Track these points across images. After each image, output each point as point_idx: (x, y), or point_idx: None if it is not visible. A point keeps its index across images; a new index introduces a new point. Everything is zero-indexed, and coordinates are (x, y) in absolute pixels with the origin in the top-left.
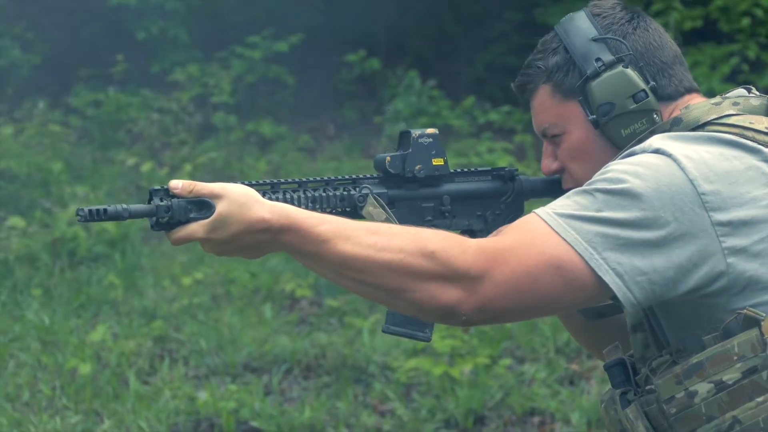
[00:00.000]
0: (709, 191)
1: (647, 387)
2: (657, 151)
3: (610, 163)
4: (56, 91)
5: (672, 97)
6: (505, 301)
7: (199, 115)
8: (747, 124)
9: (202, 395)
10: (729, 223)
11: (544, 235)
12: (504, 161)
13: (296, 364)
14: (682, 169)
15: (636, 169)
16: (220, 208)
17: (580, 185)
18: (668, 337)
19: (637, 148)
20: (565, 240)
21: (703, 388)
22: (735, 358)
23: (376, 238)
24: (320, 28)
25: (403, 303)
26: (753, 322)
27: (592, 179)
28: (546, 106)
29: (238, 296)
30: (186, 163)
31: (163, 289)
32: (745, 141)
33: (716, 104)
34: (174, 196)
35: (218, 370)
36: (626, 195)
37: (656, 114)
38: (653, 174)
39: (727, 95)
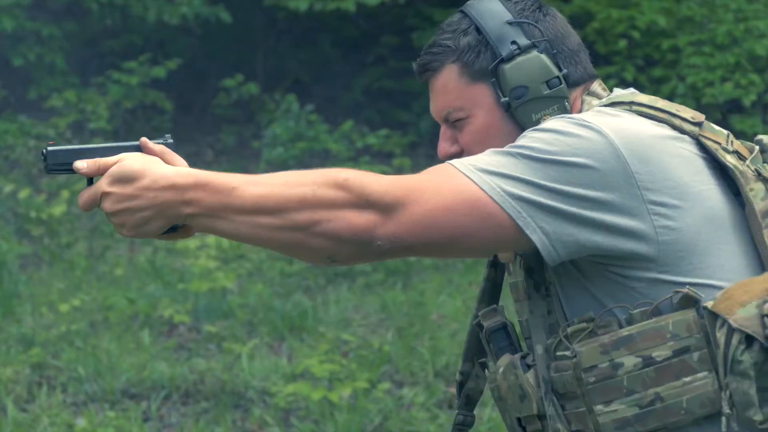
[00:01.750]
0: (641, 170)
1: (558, 353)
2: (586, 125)
3: (540, 124)
4: None
5: (577, 84)
6: (418, 229)
7: (76, 141)
8: (674, 111)
9: (81, 422)
10: (661, 204)
11: (463, 182)
12: None
13: (175, 390)
14: (612, 143)
15: (564, 140)
16: (127, 159)
17: None
18: (564, 305)
19: (561, 116)
20: (487, 193)
21: (630, 361)
22: (668, 336)
23: (287, 177)
24: (197, 53)
25: (320, 238)
26: (690, 302)
27: (519, 141)
28: (450, 87)
29: (116, 322)
30: (63, 189)
31: (40, 316)
32: (674, 125)
33: (634, 93)
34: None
35: (96, 397)
36: (557, 164)
37: (566, 101)
38: (585, 144)
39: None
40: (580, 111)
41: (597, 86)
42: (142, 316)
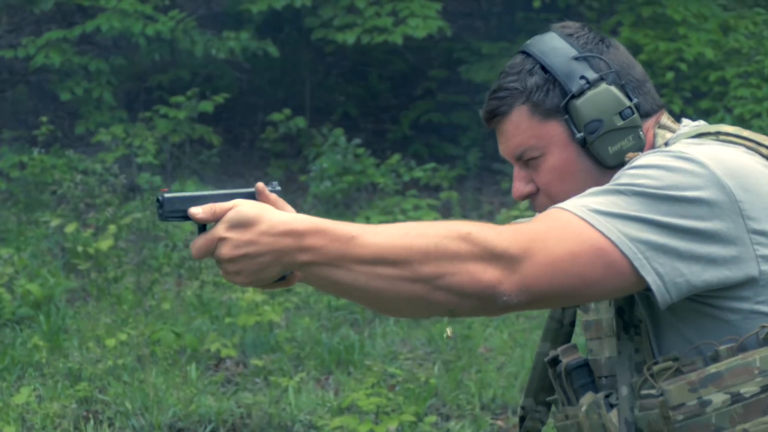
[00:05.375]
0: (744, 199)
1: (643, 392)
2: (686, 157)
3: (637, 161)
4: None
5: (648, 114)
6: (545, 280)
7: (123, 176)
8: (759, 140)
9: None
10: (763, 233)
11: (581, 227)
12: (430, 218)
13: (222, 424)
14: (715, 173)
15: (669, 175)
16: (243, 205)
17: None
18: (654, 343)
19: (656, 150)
20: (606, 236)
21: (718, 398)
22: (756, 371)
23: (408, 228)
24: (245, 87)
25: (442, 292)
26: None
27: (621, 179)
28: (523, 128)
29: (162, 357)
30: (110, 224)
31: (87, 351)
32: (762, 154)
33: (707, 125)
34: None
35: (143, 431)
36: (667, 198)
37: (640, 130)
38: (689, 177)
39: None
40: (653, 144)
41: (666, 119)
42: (189, 351)
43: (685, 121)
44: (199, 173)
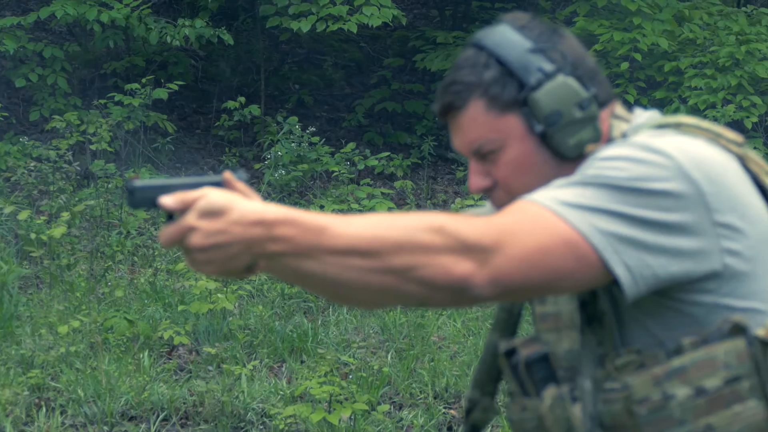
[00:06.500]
0: (710, 192)
1: (606, 386)
2: (653, 148)
3: (604, 152)
4: None
5: (604, 104)
6: (516, 273)
7: (77, 163)
8: (719, 131)
9: None
10: (726, 225)
11: (552, 219)
12: (384, 207)
13: (174, 412)
14: (682, 165)
15: (637, 166)
16: (212, 194)
17: (515, 199)
18: (618, 336)
19: (622, 142)
20: (576, 228)
21: (682, 391)
22: (720, 365)
23: (379, 219)
24: (199, 74)
25: (414, 284)
26: (740, 330)
27: (589, 171)
28: (480, 122)
29: (115, 344)
30: (64, 211)
31: (40, 338)
32: (721, 145)
33: (661, 116)
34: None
35: (96, 419)
36: (635, 190)
37: (598, 121)
38: (657, 169)
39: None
40: (609, 134)
41: (620, 109)
42: (142, 338)
43: (638, 110)
44: (153, 160)
